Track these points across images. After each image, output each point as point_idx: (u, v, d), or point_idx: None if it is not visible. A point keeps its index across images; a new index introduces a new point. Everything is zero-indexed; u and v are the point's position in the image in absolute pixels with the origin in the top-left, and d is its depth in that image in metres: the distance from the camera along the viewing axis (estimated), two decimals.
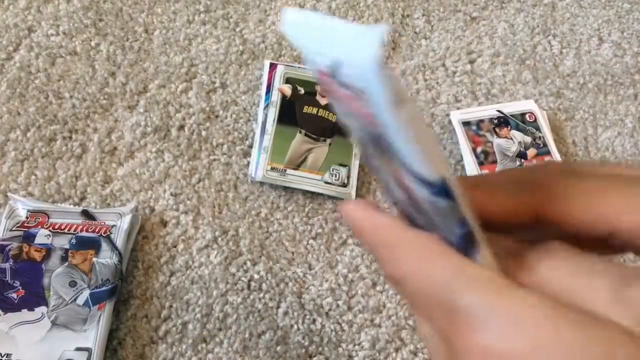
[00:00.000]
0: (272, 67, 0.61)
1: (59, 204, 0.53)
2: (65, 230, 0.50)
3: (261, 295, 0.53)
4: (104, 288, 0.48)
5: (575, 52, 0.70)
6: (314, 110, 0.60)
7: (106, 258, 0.50)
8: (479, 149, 0.61)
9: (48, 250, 0.49)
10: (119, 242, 0.50)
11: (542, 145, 0.61)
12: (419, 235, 0.19)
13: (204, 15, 0.65)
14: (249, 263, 0.54)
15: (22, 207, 0.51)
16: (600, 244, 0.20)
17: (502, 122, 0.62)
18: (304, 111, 0.60)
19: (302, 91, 0.60)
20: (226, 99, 0.61)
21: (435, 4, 0.71)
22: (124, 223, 0.51)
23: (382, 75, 0.17)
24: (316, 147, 0.58)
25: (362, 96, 0.17)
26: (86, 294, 0.48)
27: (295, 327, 0.52)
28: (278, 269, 0.54)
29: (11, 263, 0.48)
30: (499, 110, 0.63)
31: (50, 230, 0.50)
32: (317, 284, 0.54)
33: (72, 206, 0.53)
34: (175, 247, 0.54)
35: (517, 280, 0.18)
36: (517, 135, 0.61)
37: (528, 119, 0.62)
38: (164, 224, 0.55)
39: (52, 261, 0.49)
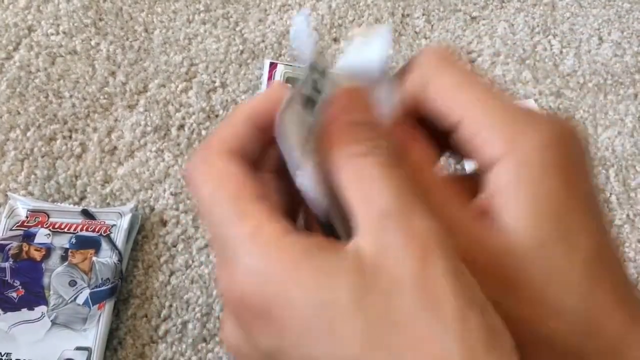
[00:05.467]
0: (272, 66, 0.61)
1: (58, 203, 0.53)
2: (65, 230, 0.50)
3: None
4: (103, 287, 0.48)
5: (575, 51, 0.70)
6: None
7: (106, 257, 0.50)
8: None
9: (48, 249, 0.49)
10: (119, 241, 0.50)
11: None
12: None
13: (204, 15, 0.65)
14: None
15: (21, 206, 0.51)
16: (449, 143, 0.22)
17: None
18: None
19: None
20: (226, 98, 0.61)
21: (435, 3, 0.71)
22: (124, 222, 0.51)
23: None
24: None
25: None
26: (86, 293, 0.48)
27: None
28: None
29: (11, 262, 0.48)
30: None
31: (50, 230, 0.50)
32: None
33: (72, 205, 0.53)
34: (175, 246, 0.54)
35: None
36: None
37: None
38: (164, 223, 0.55)
39: (52, 260, 0.49)
